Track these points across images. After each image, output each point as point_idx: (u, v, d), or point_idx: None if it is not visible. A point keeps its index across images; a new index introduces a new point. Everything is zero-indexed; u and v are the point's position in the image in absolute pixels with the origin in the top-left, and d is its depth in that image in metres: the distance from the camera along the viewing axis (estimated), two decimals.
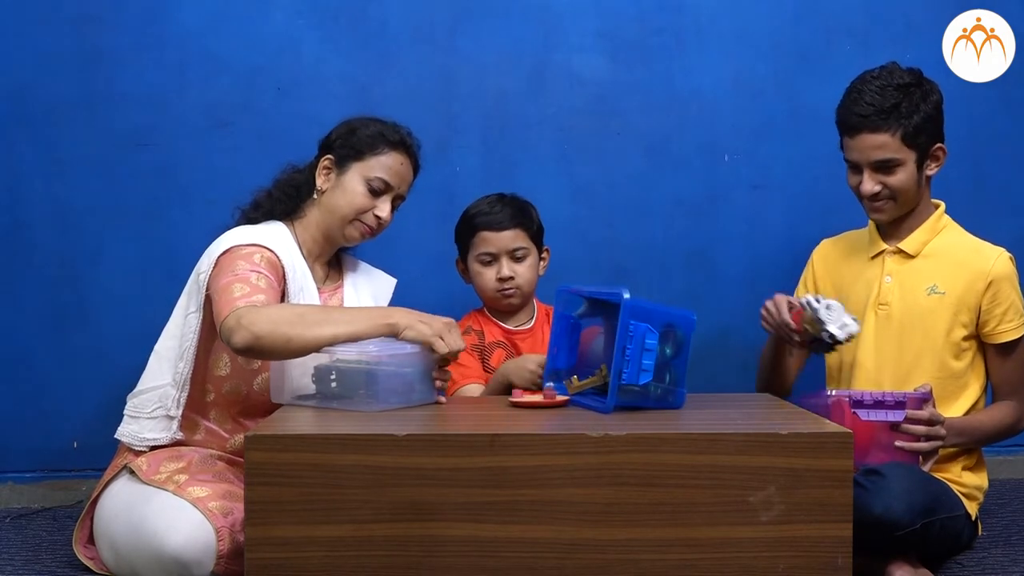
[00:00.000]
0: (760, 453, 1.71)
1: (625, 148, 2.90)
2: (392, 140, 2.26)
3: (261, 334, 1.93)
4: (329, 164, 2.26)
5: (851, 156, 2.28)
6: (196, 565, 1.90)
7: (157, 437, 2.14)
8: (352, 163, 2.25)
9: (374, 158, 2.24)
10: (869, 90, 2.22)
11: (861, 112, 2.22)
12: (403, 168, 2.28)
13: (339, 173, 2.25)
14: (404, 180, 2.29)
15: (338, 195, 2.25)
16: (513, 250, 2.45)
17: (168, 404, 2.14)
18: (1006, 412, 2.29)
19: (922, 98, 2.23)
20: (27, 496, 2.80)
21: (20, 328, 2.79)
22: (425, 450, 1.71)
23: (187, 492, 1.97)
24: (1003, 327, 2.27)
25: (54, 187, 2.78)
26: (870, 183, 2.25)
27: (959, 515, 2.16)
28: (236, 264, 2.08)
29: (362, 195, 2.24)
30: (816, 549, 1.71)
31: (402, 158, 2.27)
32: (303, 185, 2.29)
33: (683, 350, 1.97)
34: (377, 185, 2.24)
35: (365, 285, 2.37)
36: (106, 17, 2.77)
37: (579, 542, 1.70)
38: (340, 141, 2.27)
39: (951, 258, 2.30)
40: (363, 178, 2.24)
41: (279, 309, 2.01)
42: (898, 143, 2.21)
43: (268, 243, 2.15)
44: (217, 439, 2.19)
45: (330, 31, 2.83)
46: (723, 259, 2.92)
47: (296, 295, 2.17)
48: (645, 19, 2.89)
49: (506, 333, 2.50)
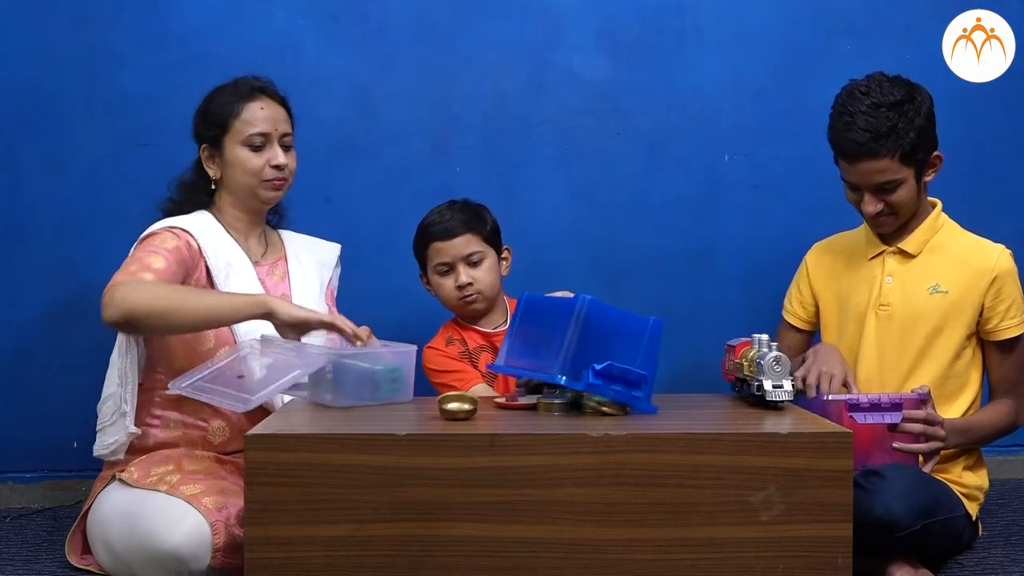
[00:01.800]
0: (760, 453, 1.71)
1: (625, 148, 2.90)
2: (244, 94, 2.26)
3: (133, 308, 1.97)
4: (208, 152, 2.28)
5: (850, 179, 2.25)
6: (193, 560, 1.90)
7: (116, 438, 2.15)
8: (223, 139, 2.25)
9: (237, 120, 2.24)
10: (861, 113, 2.18)
11: (857, 139, 2.18)
12: (267, 111, 2.27)
13: (220, 154, 2.26)
14: (276, 120, 2.28)
15: (231, 172, 2.26)
16: (467, 256, 2.42)
17: (120, 404, 2.15)
18: (1005, 410, 2.29)
19: (915, 112, 2.19)
20: (27, 496, 2.80)
21: (20, 328, 2.79)
22: (425, 450, 1.71)
23: (180, 491, 1.98)
24: (1005, 324, 2.27)
25: (54, 187, 2.78)
26: (872, 205, 2.24)
27: (959, 516, 2.16)
28: (143, 247, 2.12)
29: (249, 158, 2.24)
30: (816, 549, 1.71)
31: (260, 103, 2.27)
32: (199, 181, 2.30)
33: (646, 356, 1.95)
34: (257, 141, 2.25)
35: (307, 255, 2.39)
36: (106, 17, 2.77)
37: (579, 542, 1.71)
38: (202, 126, 2.28)
39: (953, 256, 2.30)
40: (240, 144, 2.24)
41: (155, 286, 2.03)
42: (897, 164, 2.19)
43: (184, 225, 2.18)
44: (197, 430, 2.19)
45: (330, 31, 2.83)
46: (723, 259, 2.92)
47: (223, 270, 2.19)
48: (645, 19, 2.89)
49: (486, 337, 2.48)
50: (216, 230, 2.25)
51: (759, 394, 1.95)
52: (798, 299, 2.47)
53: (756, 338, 2.02)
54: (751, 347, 2.02)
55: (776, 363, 1.95)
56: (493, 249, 2.46)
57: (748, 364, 2.00)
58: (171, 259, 2.10)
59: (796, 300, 2.47)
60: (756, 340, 2.01)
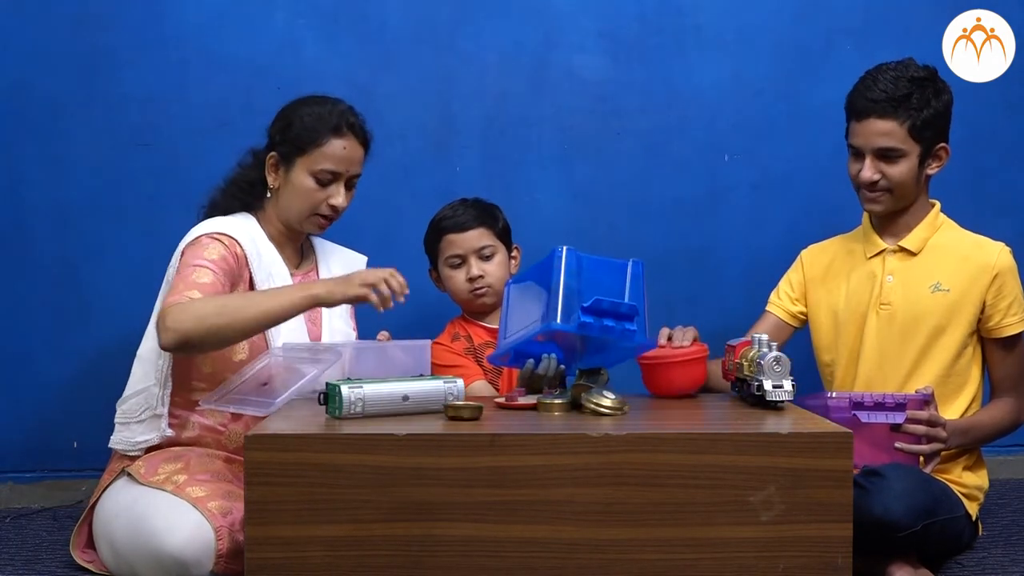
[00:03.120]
0: (760, 453, 1.71)
1: (625, 148, 2.90)
2: (333, 126, 2.21)
3: (188, 331, 1.97)
4: (275, 162, 2.25)
5: (855, 141, 2.27)
6: (195, 565, 1.90)
7: (148, 438, 2.15)
8: (296, 159, 2.22)
9: (316, 150, 2.21)
10: (884, 78, 2.22)
11: (873, 97, 2.22)
12: (348, 152, 2.23)
13: (286, 170, 2.24)
14: (352, 162, 2.25)
15: (289, 193, 2.23)
16: (480, 249, 2.47)
17: (154, 404, 2.15)
18: (1006, 409, 2.29)
19: (934, 94, 2.23)
20: (27, 496, 2.80)
21: (20, 328, 2.79)
22: (425, 450, 1.71)
23: (186, 492, 1.98)
24: (1007, 321, 2.27)
25: (54, 187, 2.78)
26: (870, 170, 2.24)
27: (959, 516, 2.16)
28: (189, 259, 2.11)
29: (312, 190, 2.22)
30: (816, 549, 1.71)
31: (345, 142, 2.23)
32: (256, 182, 2.28)
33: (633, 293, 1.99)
34: (325, 177, 2.22)
35: (338, 266, 2.39)
36: (106, 17, 2.77)
37: (579, 542, 1.71)
38: (279, 137, 2.24)
39: (953, 254, 2.30)
40: (309, 172, 2.21)
41: (203, 303, 2.02)
42: (904, 133, 2.21)
43: (231, 231, 2.17)
44: (212, 433, 2.19)
45: (330, 31, 2.83)
46: (723, 259, 2.92)
47: (265, 280, 2.19)
48: (645, 19, 2.89)
49: (492, 333, 2.50)
50: (259, 237, 2.24)
51: (759, 394, 1.95)
52: (787, 293, 2.46)
53: (756, 338, 2.02)
54: (751, 347, 2.02)
55: (776, 363, 1.94)
56: (504, 246, 2.51)
57: (748, 364, 2.00)
58: (218, 271, 2.10)
59: (785, 294, 2.47)
60: (756, 340, 2.02)
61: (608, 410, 1.89)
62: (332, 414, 1.85)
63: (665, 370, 2.11)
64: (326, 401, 1.87)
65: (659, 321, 2.87)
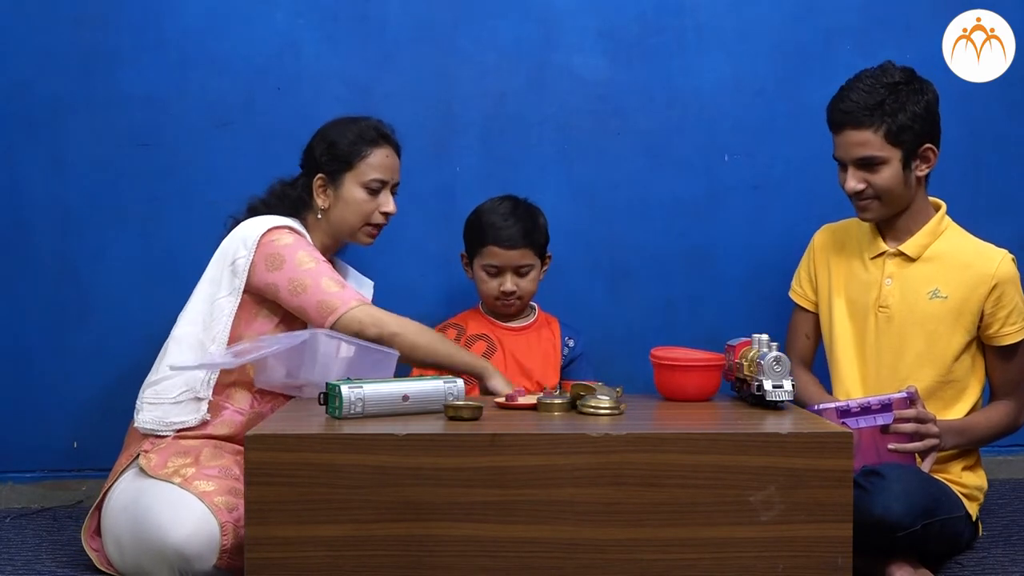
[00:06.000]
0: (760, 453, 1.71)
1: (625, 148, 2.90)
2: (372, 138, 2.36)
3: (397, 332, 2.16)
4: (323, 182, 2.35)
5: (837, 153, 2.28)
6: (198, 559, 1.91)
7: (185, 419, 2.16)
8: (344, 175, 2.34)
9: (362, 162, 2.34)
10: (856, 88, 2.22)
11: (845, 108, 2.22)
12: (390, 160, 2.39)
13: (335, 188, 2.35)
14: (395, 169, 2.40)
15: (342, 209, 2.35)
16: (519, 267, 2.50)
17: (197, 387, 2.17)
18: (1004, 411, 2.29)
19: (910, 96, 2.21)
20: (27, 496, 2.80)
21: (20, 328, 2.79)
22: (425, 450, 1.71)
23: (193, 486, 1.99)
24: (1006, 330, 2.26)
25: (54, 187, 2.78)
26: (853, 180, 2.24)
27: (959, 516, 2.16)
28: (293, 252, 2.19)
29: (365, 201, 2.35)
30: (816, 549, 1.71)
31: (386, 151, 2.38)
32: (298, 201, 2.37)
33: None
34: (375, 186, 2.35)
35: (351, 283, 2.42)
36: (106, 17, 2.77)
37: (579, 542, 1.71)
38: (325, 157, 2.35)
39: (953, 261, 2.28)
40: (360, 184, 2.34)
41: (401, 319, 2.20)
42: (880, 141, 2.20)
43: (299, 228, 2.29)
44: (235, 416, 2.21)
45: (330, 31, 2.83)
46: (723, 259, 2.92)
47: None
48: (645, 19, 2.89)
49: (491, 324, 2.53)
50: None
51: (759, 394, 1.95)
52: (807, 279, 2.46)
53: (756, 338, 2.02)
54: (751, 347, 2.02)
55: (776, 363, 1.95)
56: (540, 259, 2.55)
57: (748, 364, 2.00)
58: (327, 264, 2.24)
59: (806, 280, 2.46)
60: (756, 340, 2.01)
61: (606, 411, 1.89)
62: (332, 414, 1.86)
63: (680, 374, 2.09)
64: (326, 401, 1.88)
65: (659, 321, 2.89)
